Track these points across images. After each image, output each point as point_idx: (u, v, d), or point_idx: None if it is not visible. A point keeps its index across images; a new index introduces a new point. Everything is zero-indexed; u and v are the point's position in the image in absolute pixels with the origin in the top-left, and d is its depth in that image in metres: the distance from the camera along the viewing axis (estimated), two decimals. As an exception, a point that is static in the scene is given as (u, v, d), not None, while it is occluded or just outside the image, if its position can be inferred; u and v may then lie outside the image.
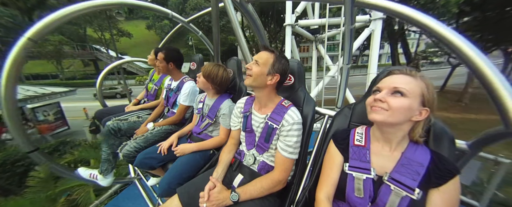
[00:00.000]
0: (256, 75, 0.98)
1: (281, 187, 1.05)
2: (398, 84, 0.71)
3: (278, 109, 1.05)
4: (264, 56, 0.99)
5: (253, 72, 0.98)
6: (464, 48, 0.67)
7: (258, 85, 1.01)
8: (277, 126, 1.02)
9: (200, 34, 2.59)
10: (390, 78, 0.76)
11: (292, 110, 1.03)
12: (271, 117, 1.05)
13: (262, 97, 1.08)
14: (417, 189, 0.69)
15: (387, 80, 0.76)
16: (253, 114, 1.14)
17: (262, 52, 1.02)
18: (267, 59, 0.99)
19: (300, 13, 5.34)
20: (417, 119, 0.71)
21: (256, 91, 1.08)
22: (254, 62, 1.01)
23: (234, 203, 0.99)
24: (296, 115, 1.01)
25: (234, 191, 1.00)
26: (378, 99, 0.73)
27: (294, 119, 1.00)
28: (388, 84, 0.74)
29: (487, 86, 0.65)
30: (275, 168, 1.05)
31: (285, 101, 1.08)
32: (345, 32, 1.35)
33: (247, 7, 1.55)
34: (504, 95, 0.62)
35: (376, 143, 0.83)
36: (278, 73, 1.00)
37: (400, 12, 0.82)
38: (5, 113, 1.16)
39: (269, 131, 1.05)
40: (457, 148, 0.82)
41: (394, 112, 0.70)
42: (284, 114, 1.02)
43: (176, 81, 1.87)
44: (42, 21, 1.11)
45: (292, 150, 0.99)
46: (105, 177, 1.88)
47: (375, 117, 0.74)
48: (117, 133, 1.76)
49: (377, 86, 0.77)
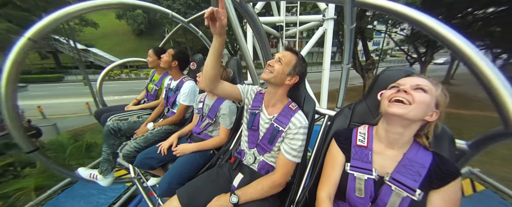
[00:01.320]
0: (278, 72, 0.98)
1: (281, 189, 1.05)
2: (420, 83, 0.72)
3: (285, 111, 1.05)
4: (288, 56, 1.00)
5: (275, 69, 0.98)
6: (463, 47, 0.67)
7: (276, 82, 1.01)
8: (283, 129, 1.02)
9: (200, 35, 2.59)
10: (410, 78, 0.77)
11: (299, 114, 1.03)
12: (278, 119, 1.04)
13: (274, 95, 1.07)
14: (418, 190, 0.69)
15: (406, 80, 0.76)
16: (262, 112, 1.12)
17: (286, 52, 1.02)
18: (290, 59, 0.99)
19: (260, 10, 5.36)
20: (429, 119, 0.72)
21: (271, 87, 1.06)
22: (277, 59, 1.00)
23: (234, 205, 0.99)
24: (303, 119, 1.02)
25: (234, 193, 0.99)
26: (403, 90, 0.72)
27: (301, 123, 1.00)
28: (410, 82, 0.74)
29: (486, 86, 0.65)
30: (276, 170, 1.05)
31: (293, 105, 1.08)
32: (345, 32, 1.35)
33: (247, 7, 1.55)
34: (504, 95, 0.62)
35: (378, 143, 0.83)
36: (298, 75, 1.01)
37: (401, 12, 0.82)
38: (5, 113, 1.16)
39: (274, 133, 1.04)
40: (457, 148, 0.82)
41: (417, 106, 0.69)
42: (291, 117, 1.02)
43: (175, 81, 1.87)
44: (42, 21, 1.11)
45: (296, 153, 0.99)
46: (105, 177, 1.88)
47: (395, 111, 0.71)
48: (117, 133, 1.76)
49: (397, 83, 0.77)
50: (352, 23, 1.25)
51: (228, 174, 1.19)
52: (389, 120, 0.77)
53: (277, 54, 1.02)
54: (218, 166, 1.30)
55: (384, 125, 0.80)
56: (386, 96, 0.76)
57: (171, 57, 1.82)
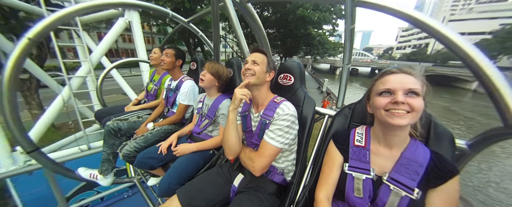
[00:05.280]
0: (259, 73, 1.06)
1: (257, 173, 1.00)
2: (411, 85, 0.69)
3: (271, 105, 1.07)
4: (260, 57, 1.09)
5: (256, 71, 1.05)
6: (463, 47, 0.67)
7: (260, 82, 1.07)
8: (269, 121, 1.03)
9: (200, 35, 2.60)
10: (399, 80, 0.72)
11: (284, 104, 1.04)
12: (264, 113, 1.07)
13: (260, 95, 1.11)
14: (416, 189, 0.69)
15: (396, 83, 0.71)
16: (251, 113, 1.16)
17: (257, 54, 1.11)
18: (263, 59, 1.09)
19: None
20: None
21: (255, 90, 1.09)
22: (252, 62, 1.07)
23: (234, 203, 0.99)
24: (287, 108, 1.01)
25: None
26: (400, 101, 0.69)
27: (284, 111, 1.00)
28: (401, 85, 0.70)
29: (486, 86, 0.65)
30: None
31: (278, 98, 1.10)
32: (345, 32, 1.35)
33: (247, 7, 1.56)
34: (505, 95, 0.62)
35: (376, 143, 0.83)
36: (273, 69, 1.13)
37: (401, 12, 0.82)
38: (7, 113, 1.16)
39: (262, 126, 1.06)
40: (457, 148, 0.82)
41: (417, 113, 0.68)
42: (276, 109, 1.03)
43: (175, 81, 1.87)
44: (42, 22, 1.11)
45: (273, 135, 0.98)
46: (105, 177, 1.89)
47: (400, 122, 0.68)
48: (117, 133, 1.76)
49: (387, 88, 0.73)
50: (352, 23, 1.25)
51: (228, 174, 1.20)
52: (390, 128, 0.75)
53: (248, 58, 1.11)
54: (218, 166, 1.30)
55: (382, 128, 0.79)
56: (382, 106, 0.73)
57: (173, 57, 1.83)
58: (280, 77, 1.26)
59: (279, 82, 1.27)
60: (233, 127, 1.04)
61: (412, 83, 0.70)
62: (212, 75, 1.43)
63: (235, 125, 1.05)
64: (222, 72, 1.46)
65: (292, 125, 1.00)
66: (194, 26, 2.29)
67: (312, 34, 16.84)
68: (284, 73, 1.25)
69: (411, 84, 0.69)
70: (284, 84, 1.25)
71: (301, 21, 14.64)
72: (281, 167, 1.11)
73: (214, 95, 1.50)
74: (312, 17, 13.98)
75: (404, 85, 0.70)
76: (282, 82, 1.26)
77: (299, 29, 15.94)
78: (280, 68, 1.28)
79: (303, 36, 17.21)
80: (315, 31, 16.90)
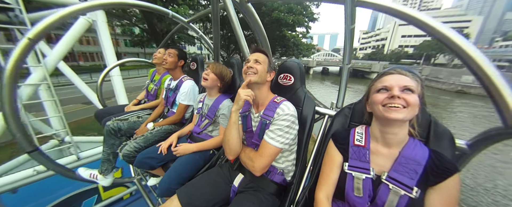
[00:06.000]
0: (261, 72, 1.07)
1: (257, 173, 0.99)
2: (406, 83, 0.73)
3: (271, 105, 1.07)
4: (262, 56, 1.10)
5: (258, 69, 1.06)
6: (464, 47, 0.67)
7: (262, 81, 1.08)
8: (269, 121, 1.03)
9: (200, 34, 2.60)
10: (395, 78, 0.76)
11: (284, 104, 1.04)
12: (264, 113, 1.07)
13: (261, 94, 1.11)
14: (415, 188, 0.70)
15: (392, 81, 0.75)
16: (251, 113, 1.16)
17: (258, 53, 1.12)
18: (264, 58, 1.10)
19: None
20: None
21: (256, 90, 1.09)
22: (254, 61, 1.07)
23: (234, 203, 0.99)
24: (287, 108, 1.02)
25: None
26: (396, 96, 0.72)
27: (284, 111, 1.00)
28: (397, 83, 0.74)
29: (486, 85, 0.65)
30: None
31: (278, 98, 1.10)
32: (345, 32, 1.35)
33: (247, 7, 1.56)
34: (505, 95, 0.62)
35: (375, 143, 0.83)
36: (273, 69, 1.14)
37: (402, 12, 0.82)
38: (8, 113, 1.16)
39: (262, 126, 1.06)
40: (457, 147, 0.82)
41: (413, 108, 0.71)
42: (276, 109, 1.03)
43: (175, 81, 1.87)
44: (42, 22, 1.11)
45: (273, 135, 0.98)
46: (105, 177, 1.89)
47: (396, 116, 0.71)
48: (117, 133, 1.76)
49: (384, 85, 0.77)
50: (352, 23, 1.25)
51: (228, 174, 1.20)
52: (387, 123, 0.78)
53: (250, 57, 1.11)
54: (218, 166, 1.30)
55: (380, 126, 0.81)
56: (379, 102, 0.76)
57: (176, 57, 1.84)
58: (280, 77, 1.26)
59: (279, 82, 1.27)
60: (235, 127, 1.03)
61: (407, 81, 0.74)
62: (216, 75, 1.44)
63: (237, 125, 1.04)
64: (225, 74, 1.48)
65: (292, 125, 1.00)
66: (194, 26, 2.29)
67: (287, 36, 17.57)
68: (284, 73, 1.25)
69: (406, 82, 0.73)
70: (284, 84, 1.25)
71: (277, 24, 15.17)
72: (281, 167, 1.11)
73: (214, 96, 1.50)
74: (287, 20, 14.63)
75: (400, 83, 0.74)
76: (282, 82, 1.26)
77: (275, 31, 16.41)
78: (280, 68, 1.28)
79: (279, 38, 17.78)
80: (289, 33, 17.63)
